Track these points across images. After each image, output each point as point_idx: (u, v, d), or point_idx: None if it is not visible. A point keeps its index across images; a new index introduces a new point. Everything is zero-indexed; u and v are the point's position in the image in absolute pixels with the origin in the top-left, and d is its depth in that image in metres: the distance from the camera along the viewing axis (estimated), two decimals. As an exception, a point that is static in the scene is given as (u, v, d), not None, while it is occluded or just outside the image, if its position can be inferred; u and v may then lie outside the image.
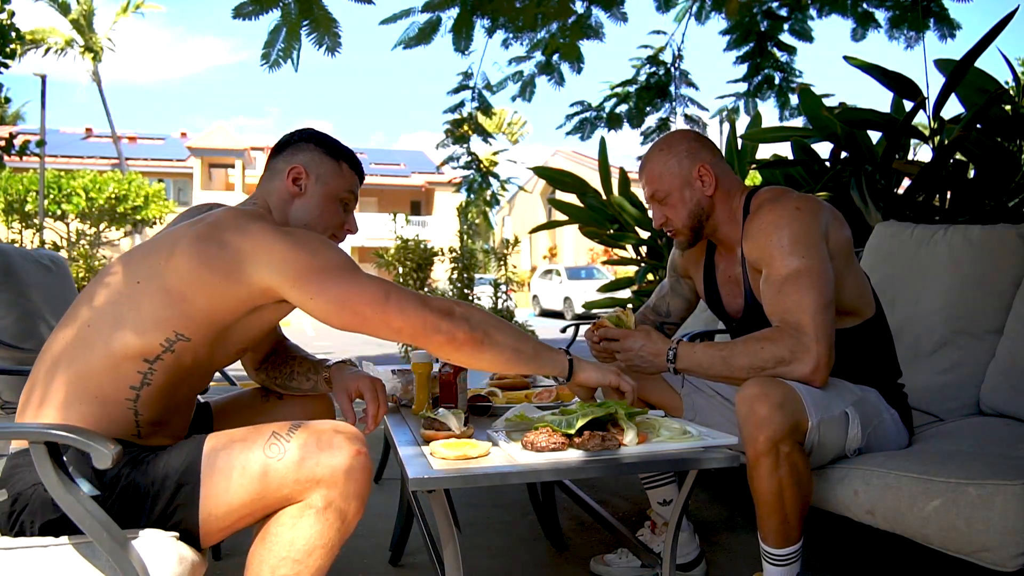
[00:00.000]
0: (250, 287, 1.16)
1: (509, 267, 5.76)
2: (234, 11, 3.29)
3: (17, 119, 25.69)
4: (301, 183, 1.35)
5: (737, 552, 2.04)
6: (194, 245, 1.15)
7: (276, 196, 1.35)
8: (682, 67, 5.62)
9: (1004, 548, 1.18)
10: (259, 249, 1.15)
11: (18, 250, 2.56)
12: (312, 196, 1.36)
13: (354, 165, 1.43)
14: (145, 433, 1.16)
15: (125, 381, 1.13)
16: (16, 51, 5.00)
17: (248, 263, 1.15)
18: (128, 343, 1.12)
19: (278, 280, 1.15)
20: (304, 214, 1.35)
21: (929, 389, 1.95)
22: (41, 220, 13.22)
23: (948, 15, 4.41)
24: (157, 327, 1.14)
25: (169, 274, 1.15)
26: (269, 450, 1.06)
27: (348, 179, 1.41)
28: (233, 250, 1.15)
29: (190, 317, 1.15)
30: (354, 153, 1.45)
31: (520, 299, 18.03)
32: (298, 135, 1.41)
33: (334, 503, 1.05)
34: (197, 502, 1.05)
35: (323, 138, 1.41)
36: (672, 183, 1.64)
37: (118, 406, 1.13)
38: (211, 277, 1.14)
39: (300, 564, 1.05)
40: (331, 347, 8.31)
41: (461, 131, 5.62)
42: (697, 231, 1.67)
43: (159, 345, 1.14)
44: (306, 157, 1.37)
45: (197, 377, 1.25)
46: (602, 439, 1.25)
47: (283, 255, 1.15)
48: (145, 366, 1.14)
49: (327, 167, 1.37)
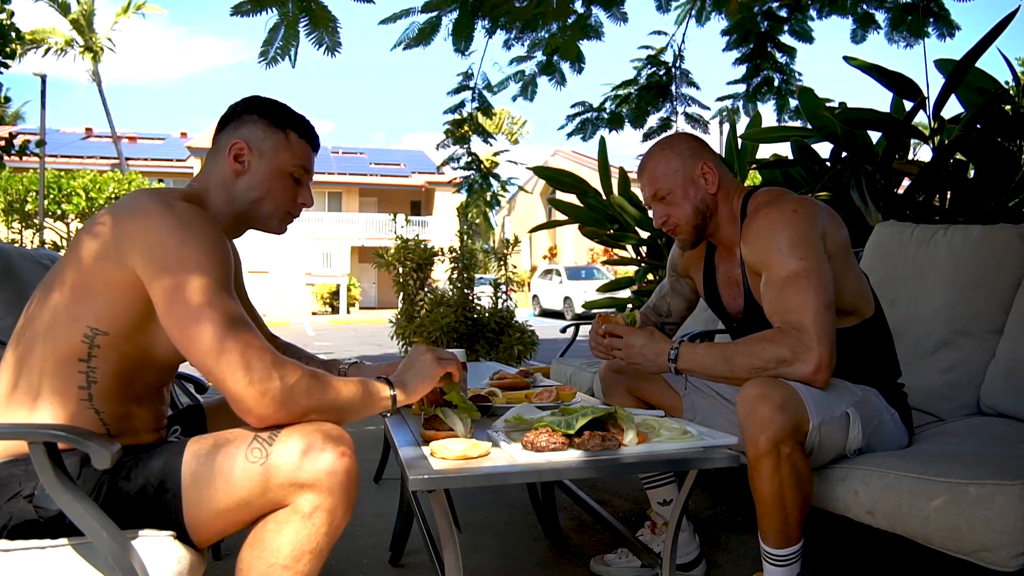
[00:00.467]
0: (126, 271, 1.07)
1: (509, 267, 5.76)
2: (233, 9, 3.30)
3: (17, 119, 25.69)
4: (244, 160, 1.26)
5: (737, 552, 2.04)
6: (84, 231, 1.11)
7: (217, 175, 1.27)
8: (683, 67, 5.63)
9: (1004, 548, 1.18)
10: (137, 230, 1.07)
11: (18, 250, 2.56)
12: (256, 173, 1.26)
13: (304, 134, 1.32)
14: (116, 431, 1.13)
15: (73, 382, 1.09)
16: (16, 51, 5.00)
17: (125, 244, 1.07)
18: (59, 344, 1.09)
19: (143, 269, 1.06)
20: (249, 193, 1.27)
21: (929, 389, 1.95)
22: (41, 220, 13.22)
23: (948, 15, 4.41)
24: (72, 323, 1.09)
25: (70, 266, 1.10)
26: (251, 454, 1.03)
27: (297, 151, 1.30)
28: (117, 231, 1.08)
29: (96, 310, 1.09)
30: (305, 120, 1.34)
31: (520, 299, 18.06)
32: (241, 105, 1.30)
33: (321, 507, 1.03)
34: (181, 508, 1.04)
35: (268, 106, 1.30)
36: (675, 181, 1.64)
37: (78, 405, 1.10)
38: (97, 263, 1.08)
39: (289, 570, 1.03)
40: (331, 347, 8.30)
41: (461, 131, 5.61)
42: (700, 229, 1.67)
43: (81, 342, 1.09)
44: (248, 131, 1.27)
45: (147, 370, 1.18)
46: (602, 439, 1.25)
47: (153, 242, 1.06)
48: (83, 366, 1.09)
49: (272, 140, 1.27)
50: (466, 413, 1.38)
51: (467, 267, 5.25)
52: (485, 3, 4.20)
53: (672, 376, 1.83)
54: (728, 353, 1.48)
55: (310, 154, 1.34)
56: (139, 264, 1.07)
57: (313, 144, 1.35)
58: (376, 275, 23.00)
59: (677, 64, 5.60)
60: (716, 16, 5.15)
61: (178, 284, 1.05)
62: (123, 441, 1.10)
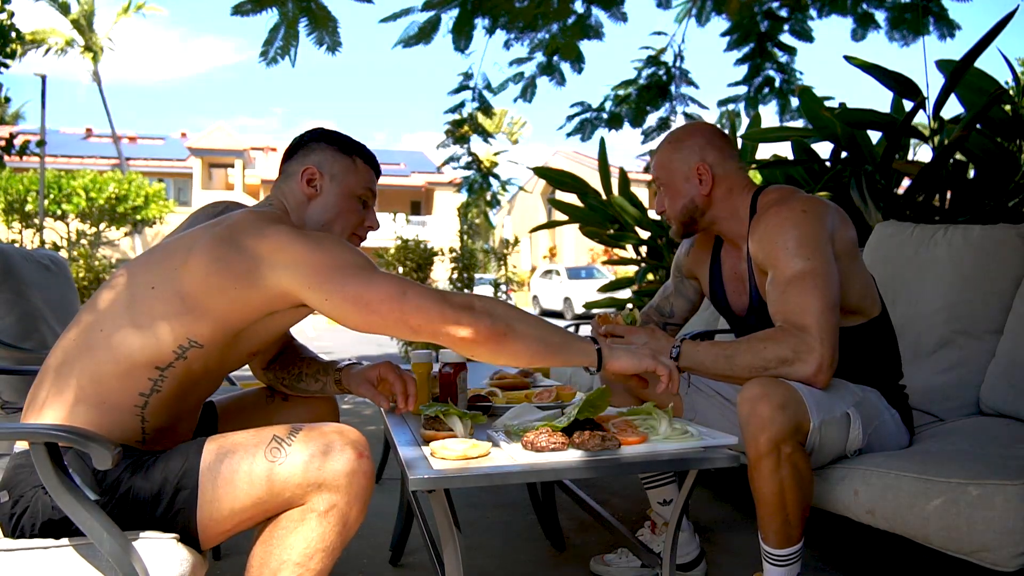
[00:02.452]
0: (267, 291, 1.14)
1: (509, 267, 5.76)
2: (233, 9, 3.32)
3: (17, 119, 25.68)
4: (316, 184, 1.33)
5: (737, 552, 2.04)
6: (211, 249, 1.14)
7: (292, 198, 1.34)
8: (683, 67, 5.63)
9: (1004, 548, 1.18)
10: (275, 252, 1.13)
11: (18, 250, 2.56)
12: (328, 196, 1.34)
13: (368, 160, 1.40)
14: (150, 439, 1.15)
15: (135, 388, 1.12)
16: (16, 51, 5.00)
17: (265, 266, 1.13)
18: (140, 349, 1.11)
19: (294, 283, 1.13)
20: (322, 215, 1.33)
21: (929, 389, 1.95)
22: (41, 220, 13.22)
23: (948, 15, 4.41)
24: (171, 333, 1.12)
25: (185, 278, 1.13)
26: (271, 454, 1.05)
27: (363, 175, 1.38)
28: (250, 254, 1.13)
29: (205, 323, 1.13)
30: (367, 148, 1.42)
31: (520, 299, 18.05)
32: (309, 136, 1.39)
33: (336, 507, 1.05)
34: (196, 506, 1.05)
35: (334, 136, 1.38)
36: (671, 175, 1.70)
37: (126, 412, 1.12)
38: (227, 282, 1.12)
39: (301, 568, 1.04)
40: (331, 347, 8.30)
41: (461, 131, 5.62)
42: (688, 224, 1.72)
43: (172, 352, 1.12)
44: (318, 157, 1.35)
45: (206, 384, 1.24)
46: (602, 439, 1.24)
47: (299, 257, 1.13)
48: (156, 373, 1.12)
49: (340, 165, 1.35)
50: (468, 417, 1.39)
51: (467, 267, 5.25)
52: (485, 2, 4.21)
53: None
54: (730, 351, 1.48)
55: (374, 179, 1.41)
56: (287, 278, 1.13)
57: (376, 170, 1.42)
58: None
59: (677, 64, 5.61)
60: (716, 17, 5.15)
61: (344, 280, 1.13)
62: (152, 448, 1.13)
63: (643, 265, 4.45)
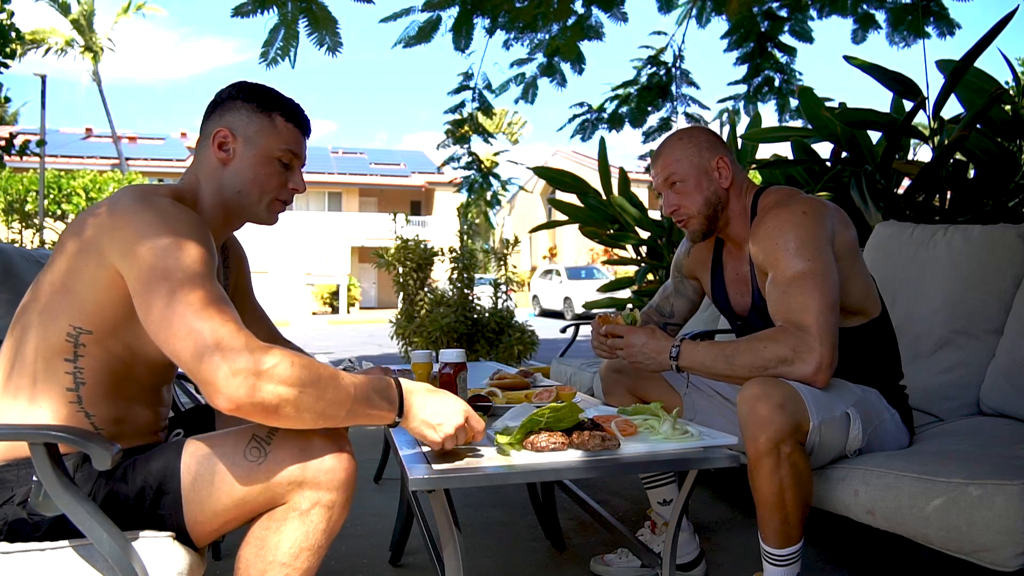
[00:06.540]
0: (107, 268, 1.04)
1: (509, 267, 5.75)
2: (234, 10, 3.32)
3: (16, 119, 25.69)
4: (228, 147, 1.21)
5: (737, 552, 2.04)
6: (68, 229, 1.10)
7: (206, 165, 1.22)
8: (683, 67, 5.63)
9: (1004, 548, 1.18)
10: (117, 226, 1.03)
11: (18, 250, 2.55)
12: (242, 160, 1.21)
13: (291, 116, 1.25)
14: (108, 434, 1.11)
15: (61, 383, 1.07)
16: (16, 51, 5.00)
17: (105, 240, 1.04)
18: (44, 342, 1.07)
19: (121, 264, 1.02)
20: (236, 182, 1.22)
21: (929, 389, 1.95)
22: (41, 220, 13.21)
23: (948, 15, 4.42)
24: (55, 321, 1.07)
25: (56, 263, 1.09)
26: (250, 454, 1.03)
27: (284, 134, 1.24)
28: (97, 228, 1.05)
29: (79, 307, 1.06)
30: (293, 103, 1.27)
31: (520, 299, 18.05)
32: (227, 92, 1.24)
33: (318, 504, 1.03)
34: (181, 509, 1.04)
35: (254, 90, 1.24)
36: (690, 170, 1.65)
37: (68, 408, 1.08)
38: (79, 260, 1.06)
39: (288, 567, 1.03)
40: (331, 347, 8.31)
41: (462, 131, 5.63)
42: (712, 220, 1.67)
43: (65, 341, 1.06)
44: (233, 117, 1.22)
45: (139, 369, 1.14)
46: (602, 439, 1.24)
47: (132, 239, 1.02)
48: (70, 366, 1.07)
49: (256, 125, 1.22)
50: None
51: (467, 267, 5.25)
52: (485, 1, 4.21)
53: (673, 375, 1.84)
54: (729, 351, 1.48)
55: (299, 138, 1.27)
56: (117, 259, 1.03)
57: (302, 127, 1.28)
58: (376, 275, 22.99)
59: (677, 64, 5.61)
60: (716, 18, 5.16)
61: (152, 274, 0.99)
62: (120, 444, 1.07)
63: (643, 265, 4.45)
